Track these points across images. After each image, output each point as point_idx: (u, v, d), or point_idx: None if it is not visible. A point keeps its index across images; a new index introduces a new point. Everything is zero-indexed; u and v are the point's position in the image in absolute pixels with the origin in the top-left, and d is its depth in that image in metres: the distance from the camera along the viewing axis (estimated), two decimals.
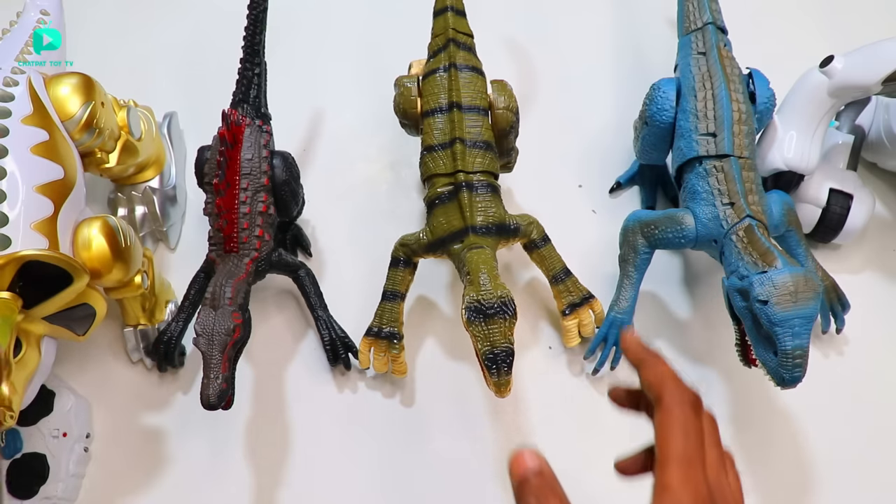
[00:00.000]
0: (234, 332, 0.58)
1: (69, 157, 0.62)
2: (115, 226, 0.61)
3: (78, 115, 0.63)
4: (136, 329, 0.70)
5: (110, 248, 0.59)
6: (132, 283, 0.64)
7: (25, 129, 0.59)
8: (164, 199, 0.76)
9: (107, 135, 0.67)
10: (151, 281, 0.68)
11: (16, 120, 0.59)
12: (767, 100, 0.72)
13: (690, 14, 0.78)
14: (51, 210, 0.57)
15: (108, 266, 0.59)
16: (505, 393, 0.55)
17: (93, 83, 0.66)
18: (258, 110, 0.74)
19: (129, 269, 0.61)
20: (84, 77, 0.66)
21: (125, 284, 0.63)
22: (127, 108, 0.72)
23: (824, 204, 0.74)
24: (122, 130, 0.70)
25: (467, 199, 0.64)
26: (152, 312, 0.70)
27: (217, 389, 0.55)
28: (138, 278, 0.64)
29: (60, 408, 0.65)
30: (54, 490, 0.62)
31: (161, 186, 0.77)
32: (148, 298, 0.69)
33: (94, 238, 0.59)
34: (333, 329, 0.70)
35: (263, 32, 0.75)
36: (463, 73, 0.69)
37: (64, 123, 0.63)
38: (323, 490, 0.66)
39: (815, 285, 0.57)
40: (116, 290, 0.64)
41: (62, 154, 0.61)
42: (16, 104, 0.60)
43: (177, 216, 0.78)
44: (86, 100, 0.64)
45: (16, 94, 0.60)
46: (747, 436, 0.68)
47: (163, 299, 0.72)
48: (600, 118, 0.88)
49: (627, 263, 0.70)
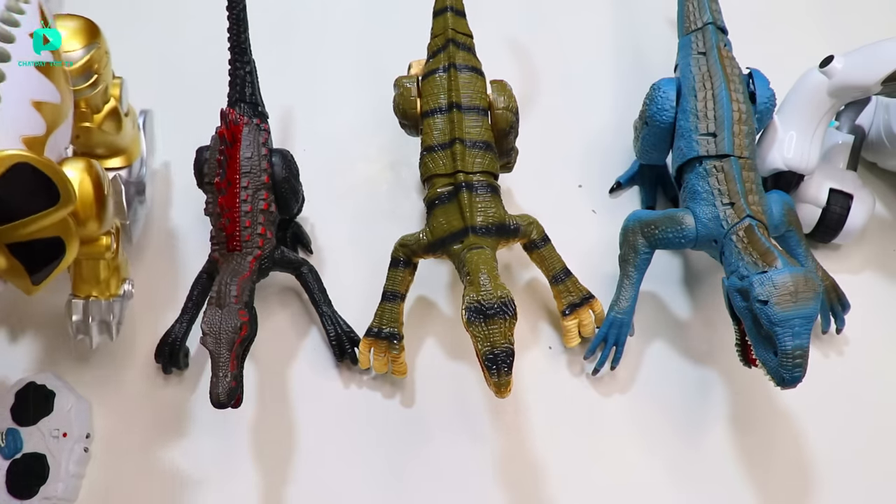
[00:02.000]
0: (241, 329, 0.58)
1: (66, 89, 0.58)
2: (100, 169, 0.57)
3: (79, 54, 0.60)
4: (88, 300, 0.66)
5: (94, 192, 0.56)
6: (101, 242, 0.60)
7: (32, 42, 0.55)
8: (132, 191, 0.73)
9: (101, 88, 0.64)
10: (117, 248, 0.65)
11: (24, 32, 0.55)
12: (767, 100, 0.72)
13: (690, 14, 0.78)
14: (42, 129, 0.53)
15: (90, 211, 0.56)
16: (505, 393, 0.55)
17: (98, 30, 0.63)
18: (255, 109, 0.74)
19: (105, 220, 0.58)
20: (89, 21, 0.63)
21: (94, 241, 0.60)
22: (121, 80, 0.69)
23: (824, 204, 0.74)
24: (112, 96, 0.67)
25: (467, 199, 0.64)
26: (107, 284, 0.66)
27: (227, 388, 0.55)
28: (107, 239, 0.61)
29: (60, 408, 0.65)
30: (54, 490, 0.62)
31: (129, 177, 0.73)
32: (107, 267, 0.66)
33: (79, 177, 0.55)
34: (339, 324, 0.70)
35: (247, 31, 0.74)
36: (462, 73, 0.69)
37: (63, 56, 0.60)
38: (326, 487, 0.66)
39: (815, 285, 0.57)
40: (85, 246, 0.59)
41: (61, 82, 0.57)
42: (26, 17, 0.56)
43: (142, 213, 0.76)
44: (89, 42, 0.62)
45: (26, 10, 0.57)
46: (747, 436, 0.68)
47: (120, 275, 0.68)
48: (600, 118, 0.88)
49: (627, 263, 0.70)
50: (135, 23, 0.95)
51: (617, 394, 0.71)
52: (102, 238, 0.61)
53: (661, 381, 0.71)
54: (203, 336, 0.58)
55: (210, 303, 0.60)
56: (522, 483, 0.66)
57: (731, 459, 0.68)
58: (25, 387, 0.66)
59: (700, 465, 0.67)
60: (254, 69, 0.76)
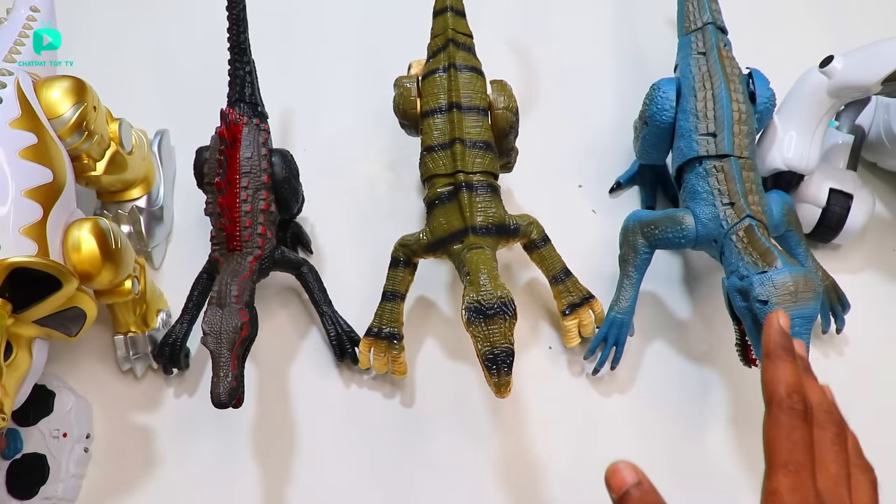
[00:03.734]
0: (241, 329, 0.58)
1: (59, 159, 0.61)
2: (106, 227, 0.60)
3: (67, 115, 0.62)
4: (127, 336, 0.69)
5: (100, 250, 0.58)
6: (122, 287, 0.63)
7: (13, 132, 0.58)
8: (150, 218, 0.75)
9: (96, 139, 0.66)
10: (143, 287, 0.67)
11: (3, 124, 0.58)
12: (767, 100, 0.72)
13: (690, 14, 0.78)
14: (40, 214, 0.56)
15: (98, 268, 0.58)
16: (505, 393, 0.55)
17: (85, 86, 0.65)
18: (255, 109, 0.74)
19: (119, 271, 0.61)
20: (76, 80, 0.65)
21: (115, 288, 0.62)
22: (119, 121, 0.71)
23: (824, 204, 0.74)
24: (112, 140, 0.69)
25: (467, 199, 0.64)
26: (143, 320, 0.69)
27: (227, 387, 0.55)
28: (129, 283, 0.63)
29: (60, 408, 0.65)
30: (54, 490, 0.62)
31: (148, 206, 0.75)
32: (139, 304, 0.68)
33: (83, 240, 0.58)
34: (339, 324, 0.70)
35: (246, 31, 0.74)
36: (462, 73, 0.69)
37: (52, 122, 0.62)
38: (326, 487, 0.66)
39: (815, 285, 0.57)
40: (107, 294, 0.62)
41: (51, 157, 0.60)
42: (3, 107, 0.59)
43: (162, 236, 0.77)
44: (77, 101, 0.63)
45: (3, 97, 0.60)
46: (748, 436, 0.68)
47: (154, 307, 0.71)
48: (600, 118, 0.88)
49: (627, 263, 0.70)
50: (134, 23, 0.96)
51: (617, 394, 0.71)
52: (124, 283, 0.63)
53: (661, 381, 0.71)
54: (204, 336, 0.58)
55: (210, 303, 0.60)
56: (522, 483, 0.66)
57: (731, 459, 0.68)
58: None
59: (700, 465, 0.67)
60: (253, 69, 0.76)
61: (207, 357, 0.59)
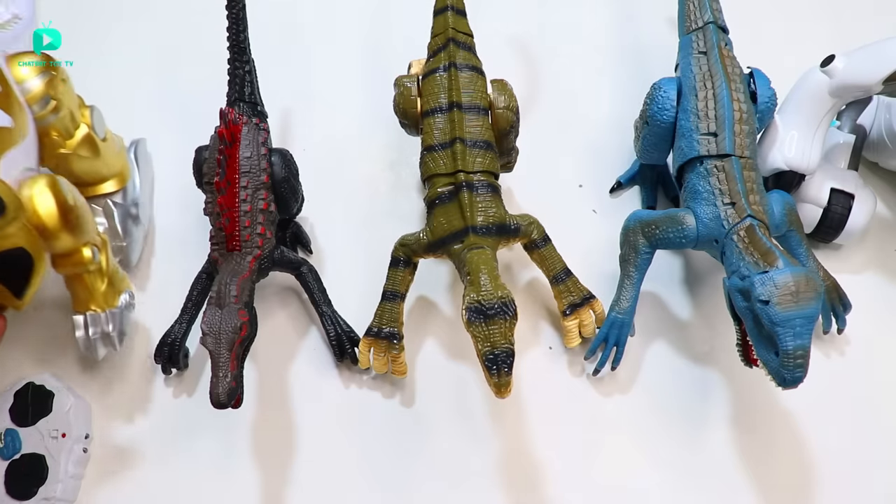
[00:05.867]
0: (241, 329, 0.58)
1: (20, 114, 0.60)
2: (64, 183, 0.58)
3: (34, 83, 0.62)
4: (86, 314, 0.66)
5: (57, 206, 0.56)
6: (81, 254, 0.60)
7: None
8: (124, 215, 0.74)
9: (64, 114, 0.65)
10: (105, 262, 0.65)
11: None
12: (768, 99, 0.72)
13: (691, 13, 0.77)
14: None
15: (55, 224, 0.56)
16: (505, 393, 0.55)
17: (53, 59, 0.64)
18: (254, 108, 0.74)
19: (78, 232, 0.58)
20: (45, 55, 0.64)
21: (74, 255, 0.60)
22: (91, 107, 0.70)
23: (825, 204, 0.74)
24: (83, 122, 0.68)
25: (468, 199, 0.64)
26: (104, 297, 0.66)
27: (227, 388, 0.55)
28: (88, 251, 0.61)
29: (59, 408, 0.65)
30: (53, 491, 0.62)
31: (123, 201, 0.75)
32: (99, 279, 0.65)
33: (38, 194, 0.56)
34: (339, 324, 0.70)
35: (246, 30, 0.74)
36: (463, 72, 0.68)
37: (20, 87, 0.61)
38: (326, 487, 0.66)
39: (816, 285, 0.57)
40: (65, 259, 0.60)
41: (13, 107, 0.59)
42: None
43: (138, 234, 0.76)
44: (44, 70, 0.63)
45: None
46: (748, 436, 0.68)
47: (117, 287, 0.68)
48: (600, 118, 0.88)
49: (628, 263, 0.70)
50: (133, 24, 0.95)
51: (617, 394, 0.71)
52: (83, 250, 0.61)
53: (661, 381, 0.71)
54: (203, 336, 0.58)
55: (210, 303, 0.60)
56: (523, 483, 0.66)
57: (732, 459, 0.67)
58: (24, 387, 0.66)
59: (701, 465, 0.67)
60: (253, 69, 0.76)
61: (206, 357, 0.58)
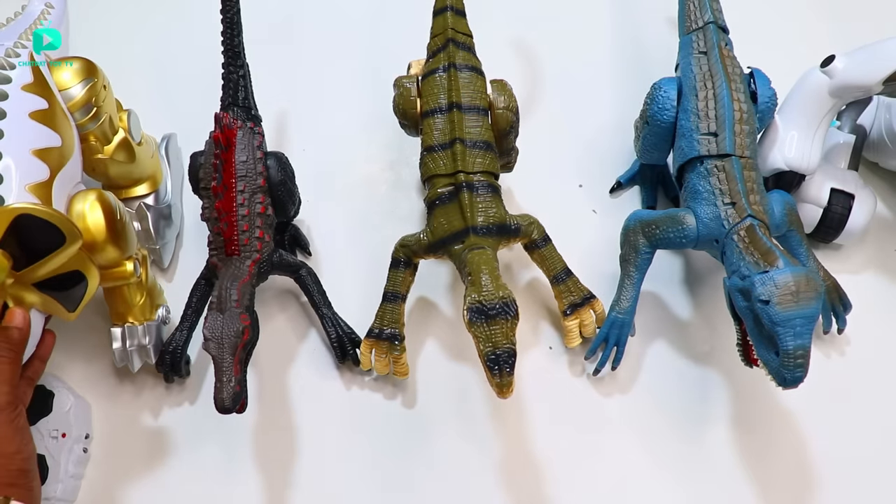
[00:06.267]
0: (243, 333, 0.58)
1: (67, 128, 0.61)
2: (112, 198, 0.60)
3: (77, 90, 0.63)
4: (125, 327, 0.67)
5: (106, 221, 0.58)
6: (124, 268, 0.62)
7: (25, 95, 0.59)
8: (158, 216, 0.75)
9: (104, 119, 0.66)
10: (144, 275, 0.66)
11: (16, 86, 0.59)
12: (769, 99, 0.72)
13: (691, 13, 0.77)
14: (46, 174, 0.56)
15: (103, 239, 0.58)
16: (507, 393, 0.55)
17: (95, 66, 0.66)
18: (248, 112, 0.74)
19: (123, 246, 0.60)
20: (86, 60, 0.65)
21: (117, 268, 0.61)
22: (129, 111, 0.71)
23: (825, 204, 0.74)
24: (121, 127, 0.69)
25: (468, 199, 0.64)
26: (141, 310, 0.68)
27: (231, 392, 0.55)
28: (130, 265, 0.62)
29: (59, 408, 0.65)
30: (53, 491, 0.62)
31: (156, 204, 0.75)
32: (139, 293, 0.67)
33: (89, 210, 0.58)
34: (339, 326, 0.70)
35: (241, 34, 0.74)
36: (462, 72, 0.68)
37: (62, 95, 0.63)
38: (328, 489, 0.66)
39: (816, 285, 0.57)
40: (108, 272, 0.62)
41: (60, 124, 0.60)
42: (16, 73, 0.60)
43: (171, 235, 0.77)
44: (86, 77, 0.64)
45: (16, 63, 0.61)
46: (749, 436, 0.68)
47: (154, 301, 0.70)
48: (600, 118, 0.88)
49: (628, 263, 0.70)
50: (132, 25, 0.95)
51: (618, 394, 0.71)
52: (125, 263, 0.62)
53: (662, 381, 0.71)
54: (205, 341, 0.57)
55: (211, 308, 0.60)
56: (524, 483, 0.66)
57: (732, 459, 0.67)
58: None
59: (701, 465, 0.67)
60: (247, 73, 0.76)
61: (207, 361, 0.58)
